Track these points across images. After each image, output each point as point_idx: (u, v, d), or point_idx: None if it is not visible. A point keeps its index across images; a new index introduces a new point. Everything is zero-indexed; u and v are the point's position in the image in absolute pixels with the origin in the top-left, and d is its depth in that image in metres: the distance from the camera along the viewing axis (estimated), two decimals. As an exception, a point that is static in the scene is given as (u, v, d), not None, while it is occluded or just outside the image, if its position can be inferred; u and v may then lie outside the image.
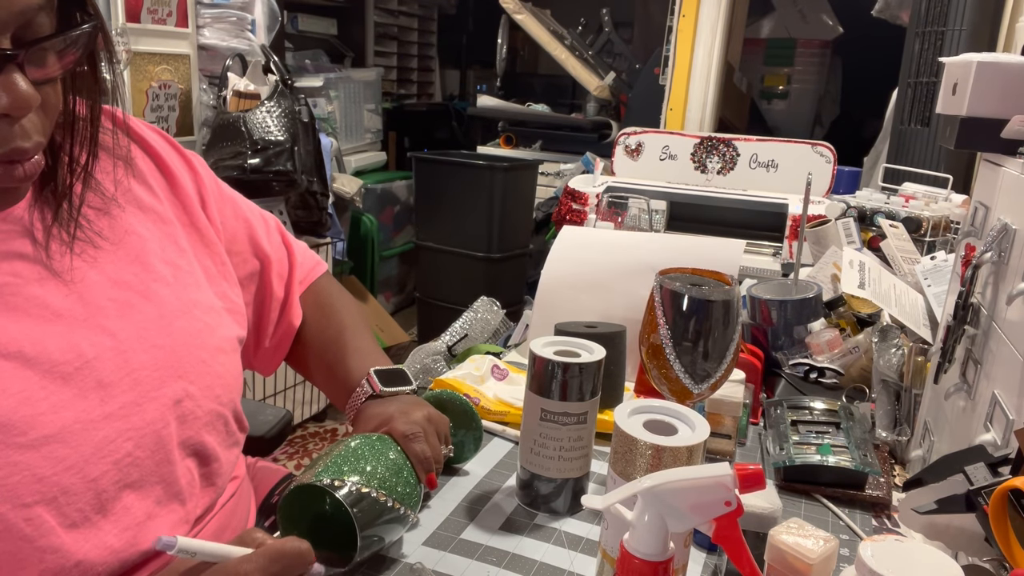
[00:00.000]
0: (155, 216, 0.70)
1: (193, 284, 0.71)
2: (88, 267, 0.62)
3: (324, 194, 2.58)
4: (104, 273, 0.63)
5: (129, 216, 0.68)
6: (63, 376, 0.57)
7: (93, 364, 0.59)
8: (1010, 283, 0.68)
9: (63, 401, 0.57)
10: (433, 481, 0.73)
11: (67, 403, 0.57)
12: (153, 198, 0.71)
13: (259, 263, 0.84)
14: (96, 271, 0.63)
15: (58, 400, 0.56)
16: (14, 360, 0.55)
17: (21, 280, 0.58)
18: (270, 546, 0.54)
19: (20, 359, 0.56)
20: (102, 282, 0.63)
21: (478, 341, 1.27)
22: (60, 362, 0.57)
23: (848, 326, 1.19)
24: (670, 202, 2.26)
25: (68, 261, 0.61)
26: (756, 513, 0.66)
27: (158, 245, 0.69)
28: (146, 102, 2.20)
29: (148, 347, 0.63)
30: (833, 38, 4.12)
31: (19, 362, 0.55)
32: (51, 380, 0.57)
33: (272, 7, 2.58)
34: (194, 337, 0.68)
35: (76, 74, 0.59)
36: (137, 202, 0.69)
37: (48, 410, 0.56)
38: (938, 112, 0.87)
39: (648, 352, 0.69)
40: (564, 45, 3.60)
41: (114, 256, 0.65)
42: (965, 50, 2.19)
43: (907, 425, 0.91)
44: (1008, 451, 0.61)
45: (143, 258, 0.67)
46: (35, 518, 0.53)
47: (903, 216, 1.59)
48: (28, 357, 0.56)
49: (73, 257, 0.61)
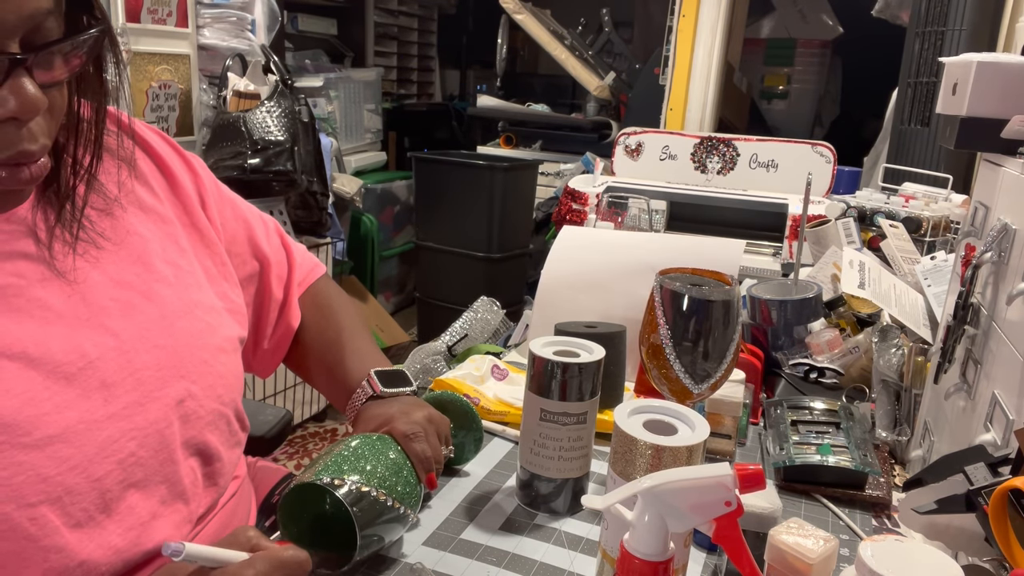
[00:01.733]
0: (156, 216, 0.70)
1: (194, 284, 0.71)
2: (91, 267, 0.62)
3: (324, 194, 2.58)
4: (106, 273, 0.63)
5: (131, 217, 0.68)
6: (66, 376, 0.57)
7: (96, 364, 0.59)
8: (1010, 283, 0.68)
9: (67, 401, 0.57)
10: (433, 481, 0.73)
11: (71, 403, 0.57)
12: (154, 199, 0.71)
13: (258, 264, 0.84)
14: (98, 271, 0.63)
15: (62, 400, 0.57)
16: (18, 360, 0.55)
17: (24, 281, 0.58)
18: (271, 553, 0.54)
19: (24, 360, 0.56)
20: (104, 282, 0.63)
21: (478, 341, 1.27)
22: (63, 363, 0.58)
23: (848, 326, 1.19)
24: (670, 202, 2.26)
25: (71, 262, 0.61)
26: (756, 513, 0.66)
27: (159, 245, 0.69)
28: (146, 102, 2.20)
29: (150, 347, 0.64)
30: (833, 38, 4.12)
31: (23, 363, 0.56)
32: (55, 380, 0.57)
33: (272, 7, 2.58)
34: (196, 337, 0.68)
35: (82, 76, 0.59)
36: (139, 203, 0.69)
37: (52, 410, 0.56)
38: (938, 112, 0.87)
39: (648, 352, 0.69)
40: (564, 45, 3.60)
41: (116, 257, 0.65)
42: (965, 50, 2.19)
43: (907, 425, 0.91)
44: (1008, 451, 0.61)
45: (145, 258, 0.67)
46: (39, 518, 0.54)
47: (903, 216, 1.59)
48: (32, 358, 0.56)
49: (76, 258, 0.62)
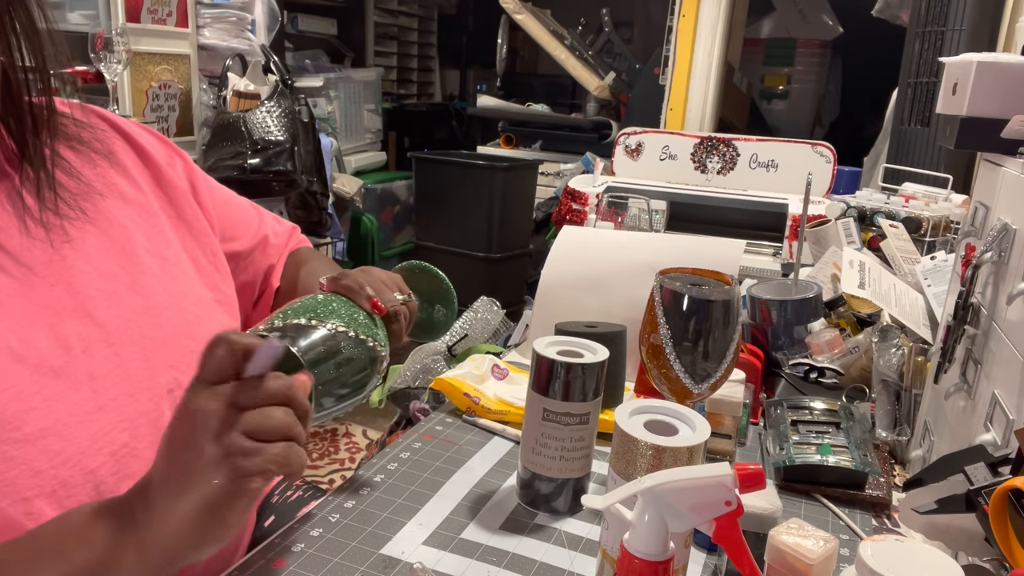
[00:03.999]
0: (140, 208, 0.71)
1: (182, 276, 0.71)
2: (76, 256, 0.63)
3: (324, 194, 2.58)
4: (91, 263, 0.63)
5: (114, 208, 0.68)
6: (53, 370, 0.57)
7: (82, 357, 0.59)
8: (1010, 283, 0.68)
9: (55, 394, 0.57)
10: (378, 306, 0.69)
11: (59, 396, 0.57)
12: (137, 191, 0.71)
13: (258, 240, 0.87)
14: (83, 261, 0.63)
15: (50, 394, 0.56)
16: (2, 355, 0.55)
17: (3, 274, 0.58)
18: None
19: (8, 354, 0.55)
20: (89, 272, 0.63)
21: (478, 341, 1.27)
22: (49, 356, 0.57)
23: (848, 326, 1.19)
24: (670, 202, 2.26)
25: (51, 252, 0.61)
26: (756, 513, 0.66)
27: (144, 237, 0.69)
28: (146, 102, 2.20)
29: (137, 338, 0.63)
30: (833, 38, 4.12)
31: (8, 357, 0.55)
32: (42, 375, 0.57)
33: (272, 7, 2.58)
34: (183, 328, 0.68)
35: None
36: (121, 195, 0.69)
37: (41, 404, 0.56)
38: (938, 112, 0.87)
39: (648, 352, 0.69)
40: (564, 45, 3.60)
41: (100, 248, 0.65)
42: (965, 50, 2.19)
43: (907, 425, 0.91)
44: (1008, 451, 0.61)
45: (128, 250, 0.67)
46: (36, 512, 0.54)
47: (903, 216, 1.59)
48: (16, 352, 0.56)
49: (59, 245, 0.62)
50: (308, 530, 0.69)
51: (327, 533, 0.69)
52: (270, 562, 0.65)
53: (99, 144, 0.69)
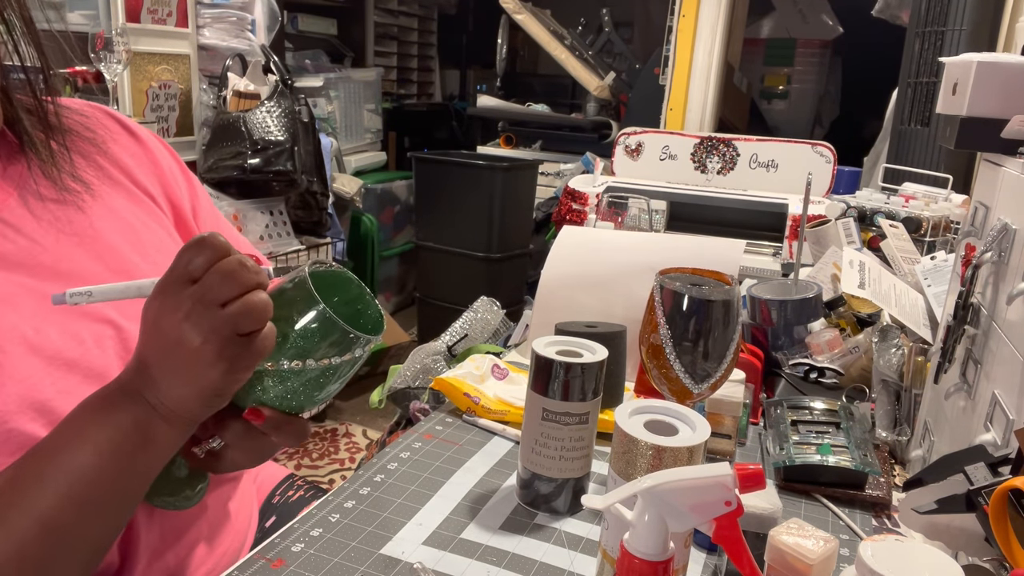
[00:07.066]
0: (148, 208, 0.72)
1: None
2: (84, 254, 0.64)
3: (324, 194, 2.58)
4: (101, 260, 0.64)
5: (122, 208, 0.69)
6: (67, 363, 0.58)
7: (95, 349, 0.60)
8: (1010, 283, 0.68)
9: (69, 387, 0.58)
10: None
11: (72, 389, 0.58)
12: (144, 193, 0.73)
13: None
14: (92, 259, 0.64)
15: (64, 386, 0.58)
16: (18, 346, 0.56)
17: (12, 270, 0.59)
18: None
19: (25, 345, 0.57)
20: (99, 271, 0.64)
21: (478, 341, 1.27)
22: (63, 348, 0.59)
23: (848, 326, 1.19)
24: (670, 202, 2.26)
25: (61, 250, 0.62)
26: (756, 513, 0.66)
27: (153, 236, 0.70)
28: (146, 102, 2.20)
29: None
30: (833, 38, 4.12)
31: (24, 348, 0.57)
32: (56, 367, 0.58)
33: (272, 7, 2.58)
34: None
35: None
36: (128, 194, 0.71)
37: (55, 395, 0.57)
38: (938, 112, 0.87)
39: (648, 352, 0.69)
40: (564, 45, 3.60)
41: (109, 245, 0.66)
42: (965, 50, 2.19)
43: (907, 425, 0.91)
44: (1008, 451, 0.61)
45: (139, 248, 0.68)
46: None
47: (903, 216, 1.59)
48: (32, 344, 0.57)
49: (65, 240, 0.63)
50: (308, 530, 0.70)
51: (327, 533, 0.69)
52: (270, 562, 0.65)
53: (109, 145, 0.71)
